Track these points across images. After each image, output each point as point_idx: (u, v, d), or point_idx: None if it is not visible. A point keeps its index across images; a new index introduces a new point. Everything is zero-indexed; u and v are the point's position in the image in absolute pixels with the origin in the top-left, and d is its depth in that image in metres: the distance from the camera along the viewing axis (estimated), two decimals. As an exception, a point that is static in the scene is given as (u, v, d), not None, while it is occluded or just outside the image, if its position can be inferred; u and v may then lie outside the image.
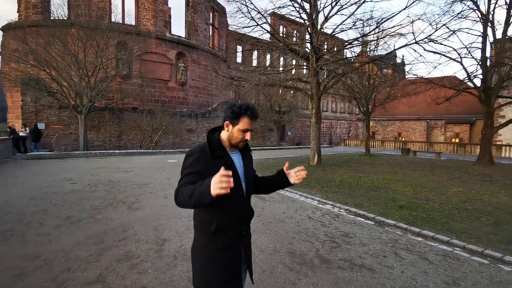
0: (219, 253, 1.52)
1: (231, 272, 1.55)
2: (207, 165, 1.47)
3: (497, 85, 13.65)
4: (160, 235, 4.12)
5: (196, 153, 1.51)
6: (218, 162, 1.46)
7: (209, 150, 1.51)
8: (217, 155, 1.51)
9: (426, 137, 34.24)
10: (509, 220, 5.18)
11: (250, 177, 1.65)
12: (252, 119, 1.54)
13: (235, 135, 1.55)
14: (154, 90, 21.38)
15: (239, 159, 1.62)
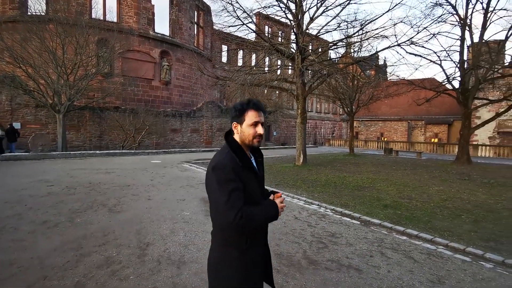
0: (253, 268, 1.44)
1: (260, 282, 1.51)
2: (241, 176, 1.37)
3: (474, 87, 14.17)
4: (143, 239, 3.97)
5: (228, 164, 1.36)
6: (248, 171, 1.42)
7: (240, 159, 1.40)
8: (245, 164, 1.41)
9: (407, 137, 35.20)
10: (488, 217, 5.35)
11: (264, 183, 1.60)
12: (257, 110, 1.47)
13: (246, 133, 1.45)
14: (137, 89, 20.88)
15: (255, 164, 1.54)
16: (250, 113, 1.45)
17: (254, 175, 1.44)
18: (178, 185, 7.86)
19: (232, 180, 1.33)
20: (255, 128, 1.45)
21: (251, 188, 1.40)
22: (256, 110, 1.46)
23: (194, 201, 6.18)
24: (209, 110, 23.77)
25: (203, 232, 4.30)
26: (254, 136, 1.45)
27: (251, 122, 1.44)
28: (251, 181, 1.42)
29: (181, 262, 3.31)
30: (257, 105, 1.47)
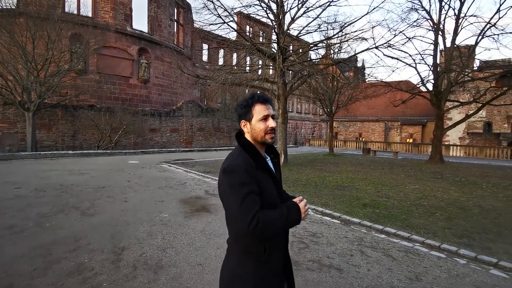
0: (272, 280, 1.31)
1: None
2: (256, 178, 1.26)
3: (446, 89, 14.80)
4: (118, 244, 3.79)
5: (241, 166, 1.25)
6: (262, 172, 1.31)
7: (254, 159, 1.30)
8: (261, 165, 1.31)
9: (384, 137, 36.32)
10: (460, 215, 5.56)
11: (281, 185, 1.46)
12: (264, 103, 1.35)
13: (257, 129, 1.33)
14: (114, 87, 20.17)
15: (272, 166, 1.41)
16: (258, 107, 1.34)
17: (270, 177, 1.34)
18: (157, 186, 7.62)
19: (246, 183, 1.21)
20: (266, 122, 1.33)
21: (268, 191, 1.29)
22: (263, 103, 1.35)
23: (173, 202, 6.00)
24: (189, 109, 23.39)
25: (182, 235, 4.17)
26: (266, 131, 1.33)
27: (260, 116, 1.33)
28: (268, 183, 1.31)
29: (159, 267, 3.18)
30: (263, 98, 1.36)
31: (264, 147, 1.41)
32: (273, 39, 11.27)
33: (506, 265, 3.41)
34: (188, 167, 11.56)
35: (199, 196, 6.69)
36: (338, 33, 11.66)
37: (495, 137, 27.94)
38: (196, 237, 4.09)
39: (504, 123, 30.34)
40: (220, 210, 5.51)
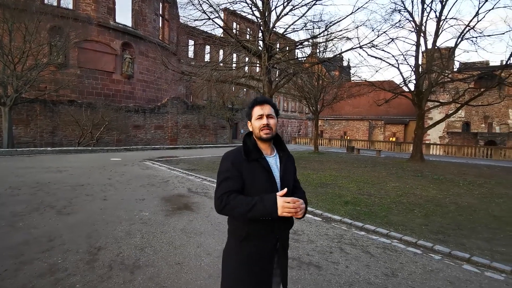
0: (249, 261, 1.47)
1: (260, 283, 1.49)
2: (243, 168, 1.47)
3: (427, 90, 15.20)
4: (94, 243, 3.68)
5: (231, 156, 1.51)
6: (254, 165, 1.49)
7: (244, 153, 1.51)
8: (252, 158, 1.50)
9: (368, 136, 37.01)
10: (437, 211, 5.73)
11: (288, 183, 1.54)
12: (259, 104, 1.56)
13: (254, 127, 1.55)
14: (96, 82, 19.63)
15: (276, 162, 1.58)
16: (255, 109, 1.56)
17: (262, 169, 1.49)
18: (138, 184, 7.48)
19: (227, 171, 1.46)
20: (261, 121, 1.53)
21: (256, 181, 1.47)
22: (260, 105, 1.56)
23: (155, 200, 5.90)
24: (174, 106, 23.06)
25: (161, 233, 4.10)
26: (260, 128, 1.52)
27: (256, 116, 1.55)
28: (258, 175, 1.48)
29: (136, 267, 3.11)
30: (260, 100, 1.58)
31: (269, 144, 1.59)
32: (259, 37, 11.23)
33: (478, 260, 3.54)
34: (172, 164, 11.40)
35: (181, 194, 6.61)
36: (323, 32, 11.77)
37: (473, 137, 28.99)
38: (176, 236, 4.03)
39: (481, 123, 31.51)
40: (202, 208, 5.46)
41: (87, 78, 19.12)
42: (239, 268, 1.48)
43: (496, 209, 6.03)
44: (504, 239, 4.30)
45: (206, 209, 5.38)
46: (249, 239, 1.47)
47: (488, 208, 6.13)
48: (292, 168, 1.65)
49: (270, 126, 1.52)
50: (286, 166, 1.59)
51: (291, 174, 1.60)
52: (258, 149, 1.54)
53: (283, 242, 1.57)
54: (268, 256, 1.49)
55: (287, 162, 1.61)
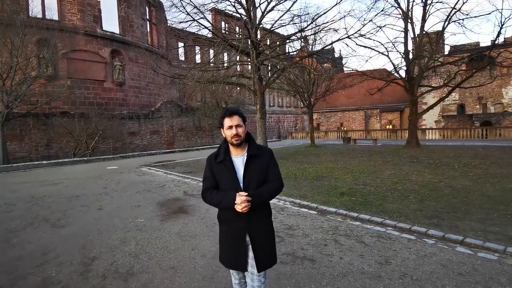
0: (224, 239, 1.97)
1: (235, 254, 1.89)
2: (213, 169, 1.92)
3: (418, 75, 15.21)
4: (88, 254, 3.68)
5: (208, 159, 1.97)
6: (220, 166, 1.89)
7: (215, 156, 1.93)
8: (218, 160, 1.89)
9: (364, 125, 37.05)
10: (432, 196, 5.75)
11: (254, 178, 1.86)
12: (229, 116, 1.86)
13: (227, 135, 1.86)
14: (88, 91, 19.53)
15: (242, 162, 1.88)
16: (226, 120, 1.87)
17: (226, 169, 1.86)
18: (134, 190, 7.47)
19: (205, 171, 1.98)
20: (231, 130, 1.84)
21: (220, 178, 1.89)
22: (228, 117, 1.86)
23: (150, 206, 5.90)
24: (168, 110, 23.00)
25: (156, 239, 4.10)
26: (231, 137, 1.84)
27: (226, 126, 1.86)
28: (222, 174, 1.88)
29: (129, 274, 3.11)
30: (229, 112, 1.88)
31: (240, 146, 1.90)
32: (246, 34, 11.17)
33: (471, 241, 3.56)
34: (168, 169, 11.39)
35: (177, 197, 6.60)
36: (310, 25, 11.72)
37: (468, 118, 29.09)
38: (171, 240, 4.04)
39: (476, 104, 31.60)
40: (198, 210, 5.46)
41: (78, 88, 19.00)
42: (220, 240, 2.01)
43: (490, 189, 6.06)
44: (497, 219, 4.33)
45: (201, 211, 5.38)
46: (223, 221, 1.97)
47: (482, 188, 6.16)
48: (260, 165, 1.90)
49: (239, 135, 1.84)
50: (255, 166, 1.88)
51: (256, 170, 1.88)
52: (227, 152, 1.90)
53: (255, 229, 1.87)
54: (239, 235, 1.87)
55: (253, 160, 1.88)
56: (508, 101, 29.97)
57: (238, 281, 2.05)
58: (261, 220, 1.92)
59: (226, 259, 1.95)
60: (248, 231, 1.86)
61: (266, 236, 1.94)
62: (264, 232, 1.92)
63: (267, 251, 1.92)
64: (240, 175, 1.85)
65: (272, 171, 1.92)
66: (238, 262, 1.90)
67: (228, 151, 1.91)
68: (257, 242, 1.87)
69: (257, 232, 1.89)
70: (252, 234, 1.87)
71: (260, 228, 1.90)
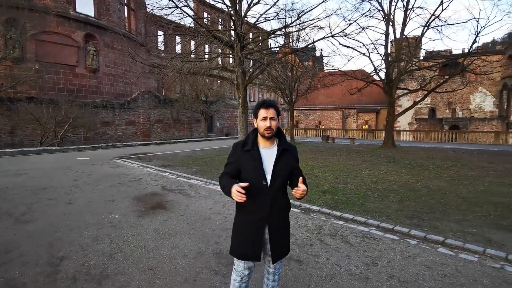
0: (242, 227, 1.95)
1: (251, 244, 1.90)
2: (239, 156, 1.92)
3: (396, 78, 15.65)
4: (57, 253, 3.36)
5: (234, 146, 1.98)
6: (246, 155, 1.90)
7: (243, 145, 1.93)
8: (246, 149, 1.90)
9: (342, 124, 37.85)
10: (411, 196, 5.87)
11: (282, 171, 1.90)
12: (266, 108, 1.86)
13: (260, 126, 1.88)
14: (58, 76, 18.36)
15: (270, 154, 1.91)
16: (261, 111, 1.87)
17: (251, 159, 1.87)
18: (108, 184, 7.05)
19: (230, 157, 1.99)
20: (264, 122, 1.85)
21: (245, 167, 1.90)
22: (265, 108, 1.86)
23: (126, 201, 5.57)
24: (145, 100, 22.18)
25: (133, 236, 3.84)
26: (264, 128, 1.86)
27: (261, 117, 1.87)
28: (247, 162, 1.89)
29: (103, 276, 2.85)
30: (266, 104, 1.88)
31: (270, 139, 1.93)
32: (231, 26, 10.89)
33: (452, 242, 3.62)
34: (144, 161, 10.93)
35: (155, 192, 6.30)
36: (295, 21, 11.63)
37: (439, 122, 30.56)
38: (149, 238, 3.79)
39: (446, 108, 33.25)
40: (177, 206, 5.22)
41: (47, 72, 17.81)
42: (237, 231, 2.01)
43: (464, 191, 6.30)
44: (473, 220, 4.47)
45: (181, 207, 5.14)
46: (243, 211, 1.95)
47: (456, 190, 6.39)
48: (289, 159, 1.94)
49: (272, 128, 1.86)
50: (284, 159, 1.92)
51: (285, 164, 1.92)
52: (254, 142, 1.92)
53: (274, 221, 1.92)
54: (259, 226, 1.89)
55: (284, 154, 1.93)
56: (475, 107, 31.79)
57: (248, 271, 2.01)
58: (282, 212, 1.99)
59: (241, 251, 1.94)
60: (268, 222, 1.90)
61: (284, 228, 2.02)
62: (282, 224, 1.99)
63: (283, 243, 1.99)
64: (265, 166, 1.88)
65: (296, 167, 2.01)
66: (255, 253, 1.91)
67: (256, 142, 1.94)
68: (274, 233, 1.93)
69: (276, 224, 1.94)
70: (271, 226, 1.91)
71: (279, 220, 1.96)
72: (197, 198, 5.83)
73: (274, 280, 2.12)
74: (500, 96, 30.22)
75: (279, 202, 1.92)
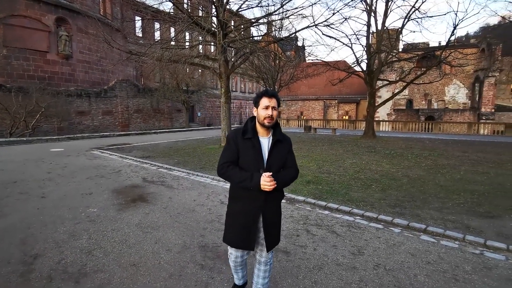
0: (236, 216, 1.98)
1: (246, 233, 1.94)
2: (239, 144, 1.90)
3: (377, 69, 15.88)
4: (30, 250, 3.14)
5: (232, 134, 1.95)
6: (247, 143, 1.89)
7: (242, 132, 1.92)
8: (247, 137, 1.89)
9: (323, 115, 38.30)
10: (392, 185, 6.00)
11: (276, 162, 1.91)
12: (269, 97, 1.87)
13: (259, 114, 1.88)
14: (27, 63, 17.26)
15: (267, 143, 1.92)
16: (263, 99, 1.88)
17: (251, 147, 1.87)
18: (85, 176, 6.73)
19: (228, 144, 1.94)
20: (266, 111, 1.85)
21: (245, 156, 1.89)
22: (268, 97, 1.87)
23: (104, 194, 5.33)
24: (123, 89, 21.36)
25: (113, 231, 3.66)
26: (265, 117, 1.85)
27: (263, 106, 1.87)
28: (247, 150, 1.88)
29: (81, 274, 2.69)
30: (268, 93, 1.90)
31: (268, 129, 1.92)
32: (212, 13, 10.54)
33: (433, 230, 3.71)
34: (124, 152, 10.56)
35: (135, 184, 6.08)
36: (279, 9, 11.44)
37: (415, 113, 31.54)
38: (131, 233, 3.64)
39: (422, 100, 34.34)
40: (159, 198, 5.05)
41: (16, 58, 16.72)
42: (230, 220, 2.03)
43: (442, 179, 6.52)
44: (452, 207, 4.62)
45: (164, 200, 4.98)
46: (237, 199, 1.97)
47: (435, 178, 6.59)
48: (282, 150, 1.96)
49: (273, 117, 1.86)
50: (279, 150, 1.94)
51: (279, 154, 1.94)
52: (254, 131, 1.92)
53: (269, 210, 1.95)
54: (254, 215, 1.92)
55: (278, 145, 1.94)
56: (449, 98, 33.04)
57: (241, 259, 2.10)
58: (276, 202, 2.01)
59: (235, 239, 1.97)
60: (262, 211, 1.93)
61: (277, 218, 2.05)
62: (276, 214, 2.03)
63: (276, 232, 2.04)
64: (265, 155, 1.90)
65: (290, 159, 2.01)
66: (249, 242, 1.94)
67: (255, 130, 1.93)
68: (268, 222, 1.96)
69: (270, 213, 1.97)
70: (265, 215, 1.95)
71: (272, 210, 1.99)
72: (180, 190, 5.67)
73: (265, 270, 2.13)
74: (472, 88, 31.54)
75: (274, 191, 1.90)
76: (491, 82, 28.22)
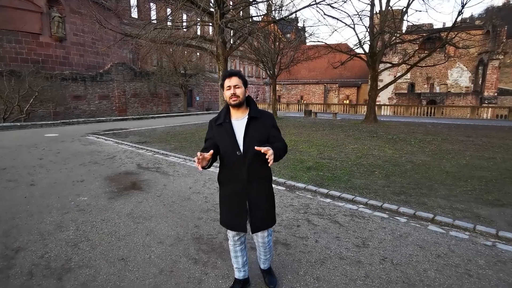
0: (225, 199, 2.05)
1: (234, 215, 2.00)
2: (214, 131, 1.98)
3: (380, 51, 15.37)
4: (12, 243, 2.94)
5: (209, 122, 2.04)
6: (220, 128, 1.95)
7: (216, 119, 1.99)
8: (218, 123, 1.95)
9: (323, 99, 37.78)
10: (396, 172, 5.78)
11: (254, 141, 1.85)
12: (228, 77, 1.89)
13: (225, 96, 1.91)
14: (20, 46, 16.71)
15: (241, 125, 1.91)
16: (225, 81, 1.89)
17: (225, 132, 1.91)
18: (78, 162, 6.51)
19: (207, 133, 2.06)
20: (229, 91, 1.87)
21: (221, 141, 1.93)
22: (228, 77, 1.89)
23: (96, 181, 5.11)
24: (119, 73, 20.83)
25: (102, 222, 3.46)
26: (230, 97, 1.88)
27: (226, 87, 1.89)
28: (222, 136, 1.93)
29: (65, 270, 2.50)
30: (229, 73, 1.90)
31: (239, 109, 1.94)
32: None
33: (441, 219, 3.51)
34: (120, 138, 10.30)
35: (129, 171, 5.86)
36: (279, -13, 10.86)
37: (417, 97, 31.04)
38: (121, 223, 3.43)
39: (424, 83, 33.75)
40: (153, 186, 4.84)
41: (8, 41, 16.17)
42: (221, 202, 2.10)
43: (447, 165, 6.29)
44: (460, 195, 4.41)
45: (158, 187, 4.77)
46: (224, 183, 2.03)
47: (440, 164, 6.37)
48: (261, 127, 1.93)
49: (237, 95, 1.87)
50: (250, 127, 1.91)
51: (256, 132, 1.90)
52: (226, 115, 1.94)
53: (254, 192, 1.96)
54: (240, 197, 1.96)
55: (253, 122, 1.91)
56: (452, 82, 32.44)
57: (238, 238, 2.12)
58: (262, 184, 2.00)
59: (228, 221, 2.04)
60: (247, 193, 1.94)
61: (264, 200, 2.02)
62: (263, 196, 2.01)
63: (262, 215, 2.01)
64: (239, 138, 1.90)
65: (274, 135, 1.97)
66: (239, 223, 1.98)
67: (228, 114, 1.95)
68: (253, 204, 1.97)
69: (256, 194, 1.97)
70: (250, 197, 1.95)
71: (259, 192, 1.98)
72: (176, 177, 5.45)
73: (265, 251, 2.24)
74: (475, 72, 30.90)
75: (257, 172, 1.93)
76: (495, 65, 27.60)
